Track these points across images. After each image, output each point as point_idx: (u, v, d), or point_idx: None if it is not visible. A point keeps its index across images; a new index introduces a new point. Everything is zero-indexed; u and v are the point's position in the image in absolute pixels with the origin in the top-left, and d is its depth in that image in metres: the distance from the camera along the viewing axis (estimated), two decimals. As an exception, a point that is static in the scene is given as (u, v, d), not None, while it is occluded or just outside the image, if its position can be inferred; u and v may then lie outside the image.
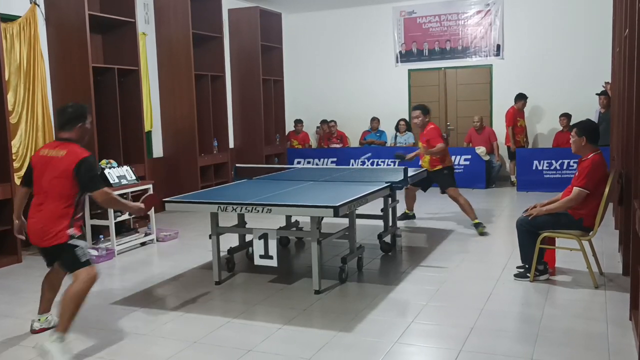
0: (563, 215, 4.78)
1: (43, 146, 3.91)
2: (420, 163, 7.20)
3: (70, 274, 3.68)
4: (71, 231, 3.67)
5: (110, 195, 3.76)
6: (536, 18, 10.53)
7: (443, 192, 7.21)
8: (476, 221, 6.84)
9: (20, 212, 3.99)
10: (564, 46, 10.34)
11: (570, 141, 4.90)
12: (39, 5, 6.85)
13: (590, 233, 4.76)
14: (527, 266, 4.92)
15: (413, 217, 7.72)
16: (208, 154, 9.21)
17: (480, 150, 10.07)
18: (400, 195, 7.02)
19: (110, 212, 6.12)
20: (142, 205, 4.01)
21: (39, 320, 4.00)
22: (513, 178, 10.33)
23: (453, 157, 10.16)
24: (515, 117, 10.19)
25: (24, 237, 3.99)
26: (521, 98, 10.17)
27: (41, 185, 3.68)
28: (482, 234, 6.69)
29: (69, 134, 3.76)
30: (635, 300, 3.71)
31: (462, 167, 10.16)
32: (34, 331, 3.97)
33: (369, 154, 10.58)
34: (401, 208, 7.42)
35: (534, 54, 10.56)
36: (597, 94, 9.47)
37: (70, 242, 3.65)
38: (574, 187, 4.69)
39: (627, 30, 4.98)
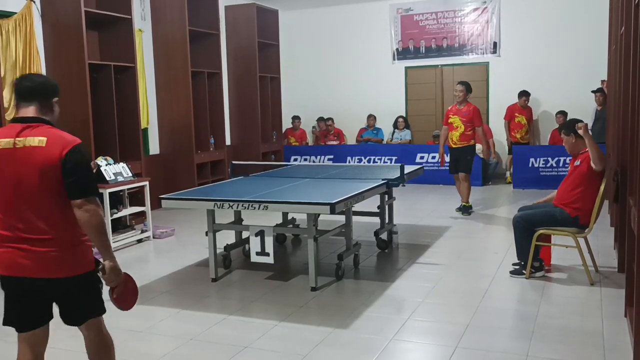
0: (559, 212, 4.80)
1: None
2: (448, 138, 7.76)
3: (82, 324, 2.67)
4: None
5: (100, 214, 2.51)
6: (533, 15, 10.54)
7: (456, 172, 7.67)
8: (466, 204, 7.56)
9: None
10: (560, 44, 10.35)
11: (564, 144, 4.98)
12: (34, 2, 6.83)
13: (586, 230, 4.78)
14: (522, 263, 4.93)
15: (469, 208, 7.67)
16: (204, 151, 9.20)
17: (477, 147, 10.07)
18: (401, 191, 7.02)
19: (107, 208, 6.11)
20: (122, 275, 2.65)
21: None
22: (507, 174, 10.36)
23: (449, 155, 10.23)
24: (513, 112, 10.25)
25: None
26: (521, 95, 10.22)
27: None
28: (463, 214, 7.54)
29: (37, 110, 2.51)
30: (630, 297, 3.72)
31: (459, 164, 10.17)
32: None
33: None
34: (400, 206, 7.41)
35: (530, 51, 10.57)
36: (593, 92, 9.50)
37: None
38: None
39: (623, 28, 4.99)
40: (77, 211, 2.44)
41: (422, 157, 10.41)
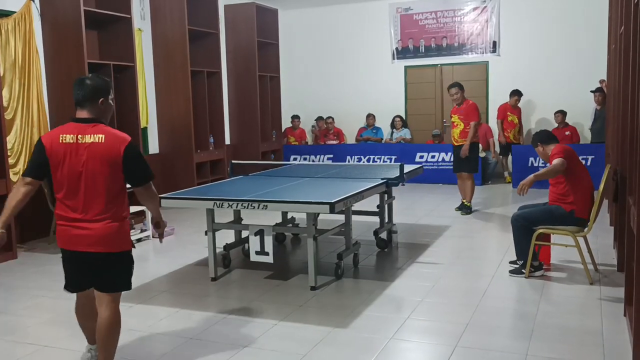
0: (555, 208, 4.82)
1: (58, 129, 3.07)
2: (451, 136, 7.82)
3: (106, 294, 3.09)
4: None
5: (156, 192, 3.24)
6: (532, 15, 10.54)
7: (458, 171, 7.68)
8: (467, 203, 7.61)
9: (13, 216, 3.06)
10: (560, 43, 10.35)
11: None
12: (34, 1, 6.82)
13: (586, 229, 4.79)
14: (520, 262, 4.93)
15: (470, 208, 7.68)
16: (204, 150, 9.20)
17: (480, 147, 10.08)
18: (401, 191, 7.03)
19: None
20: (165, 223, 3.40)
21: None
22: (506, 174, 10.36)
23: (449, 154, 10.23)
24: (506, 111, 10.27)
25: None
26: (513, 94, 10.22)
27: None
28: (462, 213, 7.61)
29: (89, 112, 3.05)
30: (630, 297, 3.72)
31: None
32: None
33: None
34: (399, 205, 7.42)
35: (530, 50, 10.57)
36: (592, 91, 9.51)
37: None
38: (554, 160, 4.75)
39: (623, 27, 4.99)
40: (139, 194, 3.12)
41: (421, 157, 10.41)
